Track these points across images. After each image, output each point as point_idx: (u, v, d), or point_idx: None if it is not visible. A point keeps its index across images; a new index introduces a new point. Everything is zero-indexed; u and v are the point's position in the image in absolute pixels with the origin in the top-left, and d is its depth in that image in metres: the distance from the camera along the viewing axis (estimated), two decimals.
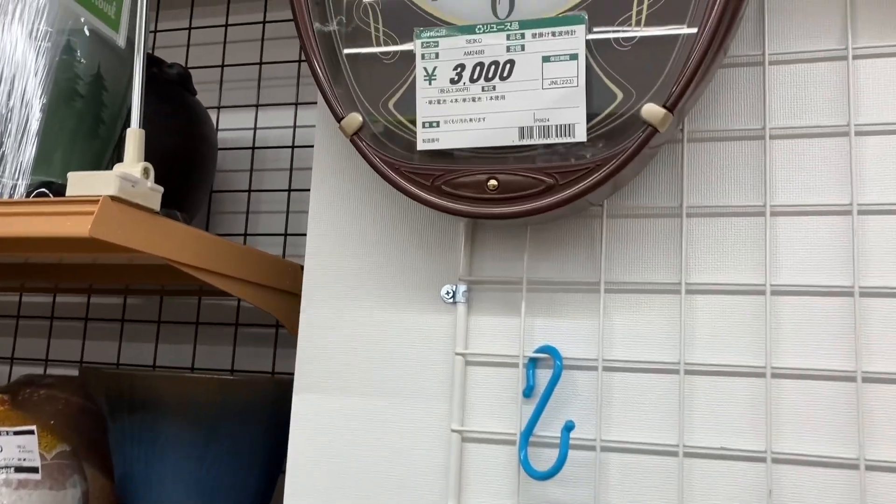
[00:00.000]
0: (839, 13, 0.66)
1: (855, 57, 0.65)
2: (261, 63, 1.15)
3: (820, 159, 0.65)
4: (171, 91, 0.98)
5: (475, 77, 0.63)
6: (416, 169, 0.64)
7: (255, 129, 1.15)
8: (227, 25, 1.18)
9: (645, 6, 0.61)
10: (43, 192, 0.72)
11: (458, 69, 0.64)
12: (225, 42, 1.18)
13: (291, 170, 1.13)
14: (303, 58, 1.14)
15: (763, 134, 0.66)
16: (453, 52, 0.64)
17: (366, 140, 0.66)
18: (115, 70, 0.81)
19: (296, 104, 1.13)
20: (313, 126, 1.12)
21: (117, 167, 0.69)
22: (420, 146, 0.64)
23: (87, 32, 0.78)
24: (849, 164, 0.64)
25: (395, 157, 0.65)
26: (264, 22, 1.16)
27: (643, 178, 0.68)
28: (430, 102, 0.64)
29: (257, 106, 1.15)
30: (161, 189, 0.70)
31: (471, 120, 0.63)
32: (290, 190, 1.12)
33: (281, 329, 1.09)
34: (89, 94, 0.79)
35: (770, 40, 0.67)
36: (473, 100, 0.63)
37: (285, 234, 1.11)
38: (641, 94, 0.61)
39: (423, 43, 0.64)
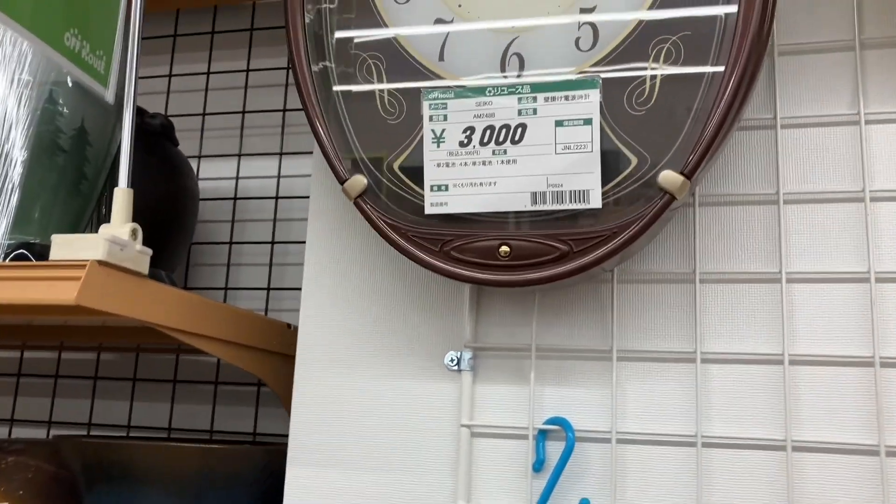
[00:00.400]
0: (850, 77, 0.65)
1: (867, 122, 0.64)
2: (244, 112, 1.13)
3: (835, 225, 0.64)
4: (153, 142, 0.94)
5: (485, 140, 0.61)
6: (424, 233, 0.62)
7: (237, 178, 1.12)
8: (209, 73, 1.15)
9: (660, 70, 0.60)
10: (23, 254, 0.68)
11: (468, 132, 0.62)
12: (207, 90, 1.15)
13: (275, 221, 1.09)
14: (288, 106, 1.11)
15: (776, 199, 0.64)
16: (462, 115, 0.62)
17: (370, 203, 0.63)
18: (99, 123, 0.77)
19: (280, 154, 1.10)
20: (297, 176, 1.11)
21: (104, 228, 0.65)
22: (428, 210, 0.62)
23: (70, 84, 0.74)
24: (865, 231, 0.62)
25: (401, 220, 0.63)
26: (248, 70, 1.13)
27: (654, 242, 0.66)
28: (439, 165, 0.62)
29: (239, 155, 1.12)
30: (150, 251, 0.66)
31: (481, 184, 0.61)
32: (273, 242, 1.08)
33: (263, 388, 1.04)
34: (72, 149, 0.75)
35: (781, 104, 0.66)
36: (484, 163, 0.61)
37: (268, 289, 1.07)
38: (656, 159, 0.59)
39: (430, 104, 0.62)
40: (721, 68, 0.58)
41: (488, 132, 0.61)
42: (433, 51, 0.64)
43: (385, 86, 0.64)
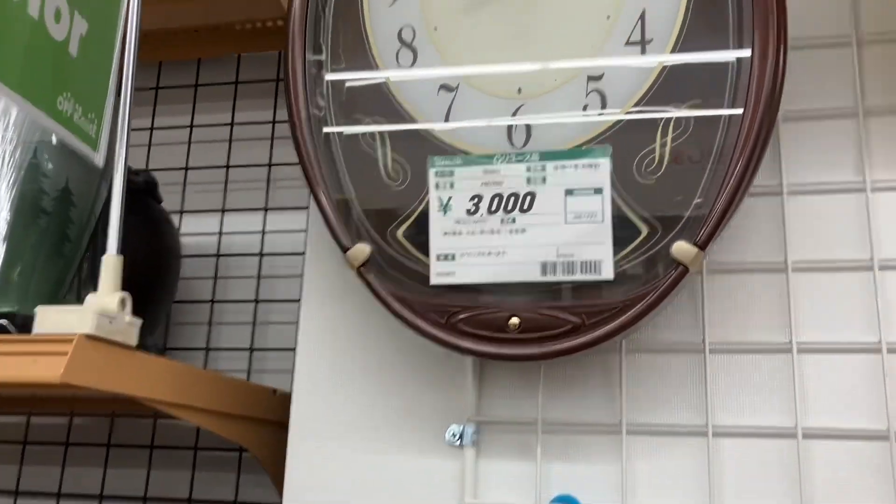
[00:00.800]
0: (854, 144, 0.65)
1: (874, 189, 0.64)
2: (228, 166, 1.10)
3: (845, 294, 0.63)
4: (136, 200, 0.91)
5: (493, 209, 0.60)
6: (430, 305, 0.60)
7: (220, 234, 1.09)
8: (192, 126, 1.12)
9: (669, 139, 0.59)
10: (1, 325, 0.64)
11: (475, 200, 0.60)
12: (190, 143, 1.12)
13: (259, 278, 1.06)
14: (274, 161, 1.09)
15: (785, 267, 0.64)
16: (470, 183, 0.60)
17: (373, 272, 0.61)
18: (84, 183, 0.74)
19: (265, 209, 1.08)
20: (282, 231, 1.08)
21: (92, 298, 0.62)
22: (434, 280, 0.60)
23: (54, 142, 0.71)
24: (875, 300, 0.62)
25: (405, 290, 0.60)
26: (232, 124, 1.11)
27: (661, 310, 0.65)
28: (446, 234, 0.60)
29: (223, 211, 1.09)
30: (139, 322, 0.63)
31: (489, 253, 0.59)
32: (256, 301, 1.05)
33: (245, 453, 1.00)
34: (56, 210, 0.72)
35: (786, 170, 0.65)
36: (492, 232, 0.59)
37: (251, 349, 1.03)
38: (668, 229, 0.58)
39: (437, 172, 0.61)
40: (735, 127, 0.57)
41: (496, 200, 0.60)
42: (438, 117, 0.62)
43: (388, 151, 0.63)
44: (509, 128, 0.61)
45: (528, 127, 0.61)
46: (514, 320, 0.58)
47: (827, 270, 0.63)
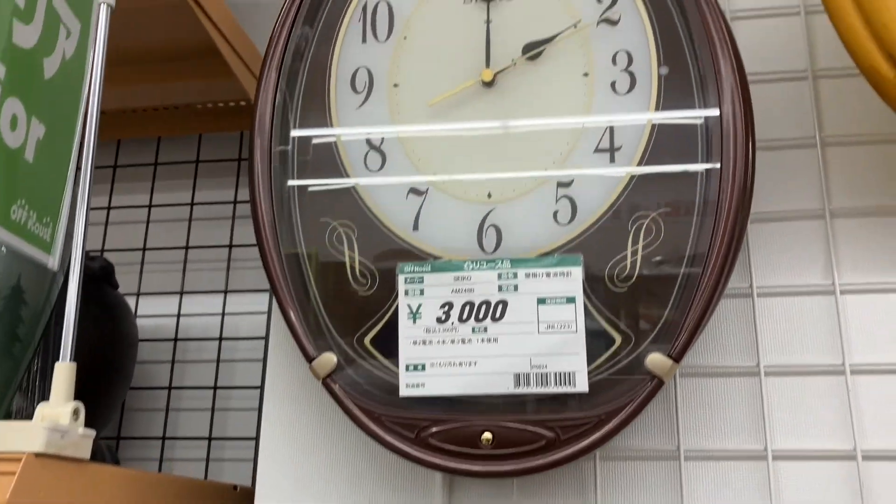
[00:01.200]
0: (821, 245, 0.65)
1: (843, 292, 0.64)
2: (187, 247, 1.07)
3: (817, 399, 0.62)
4: (91, 287, 0.88)
5: (465, 317, 0.58)
6: (399, 419, 0.57)
7: (178, 316, 1.06)
8: (150, 206, 1.10)
9: (640, 246, 0.58)
10: None
11: (446, 307, 0.58)
12: (148, 222, 1.09)
13: (218, 362, 1.03)
14: (234, 241, 1.07)
15: (757, 371, 0.63)
16: (440, 290, 0.59)
17: (339, 383, 0.59)
18: (35, 280, 0.71)
19: (225, 292, 1.05)
20: (242, 314, 1.05)
21: (42, 410, 0.58)
22: (403, 392, 0.58)
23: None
24: (847, 406, 0.61)
25: (374, 402, 0.58)
26: (192, 204, 1.09)
27: None
28: (415, 343, 0.58)
29: (181, 293, 1.06)
30: (93, 433, 0.60)
31: (461, 364, 0.58)
32: (215, 388, 1.02)
33: None
34: (6, 310, 0.69)
35: (756, 273, 0.65)
36: (463, 341, 0.58)
37: (209, 438, 1.00)
38: (641, 338, 0.57)
39: (406, 278, 0.59)
40: (706, 235, 0.57)
41: (468, 308, 0.58)
42: (407, 221, 0.61)
43: (356, 255, 0.61)
44: (479, 232, 0.60)
45: (498, 232, 0.60)
46: (487, 435, 0.56)
47: (800, 375, 0.63)
